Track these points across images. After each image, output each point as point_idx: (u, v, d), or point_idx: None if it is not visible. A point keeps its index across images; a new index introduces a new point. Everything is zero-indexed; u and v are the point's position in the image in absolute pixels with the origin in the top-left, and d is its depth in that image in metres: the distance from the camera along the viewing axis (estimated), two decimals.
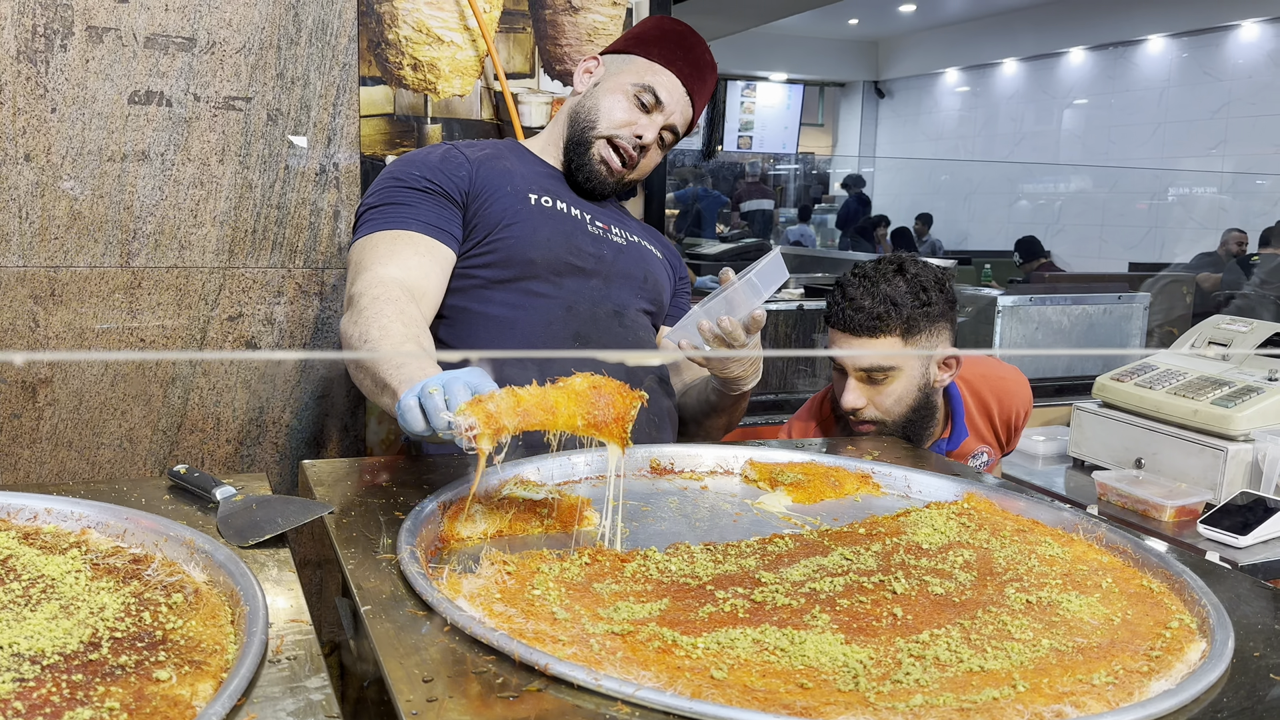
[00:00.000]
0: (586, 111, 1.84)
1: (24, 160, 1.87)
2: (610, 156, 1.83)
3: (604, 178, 1.84)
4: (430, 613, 0.95)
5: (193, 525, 1.16)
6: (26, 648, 0.87)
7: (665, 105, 1.84)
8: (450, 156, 1.77)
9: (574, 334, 1.73)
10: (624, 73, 1.85)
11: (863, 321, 1.85)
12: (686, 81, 1.86)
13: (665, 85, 1.84)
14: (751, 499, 1.43)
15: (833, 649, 0.91)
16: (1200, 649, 0.96)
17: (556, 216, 1.78)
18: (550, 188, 1.83)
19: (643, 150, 1.85)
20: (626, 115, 1.82)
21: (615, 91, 1.83)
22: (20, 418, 1.93)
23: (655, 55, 1.86)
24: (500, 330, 1.72)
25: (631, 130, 1.82)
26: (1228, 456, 2.18)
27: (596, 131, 1.82)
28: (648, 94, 1.82)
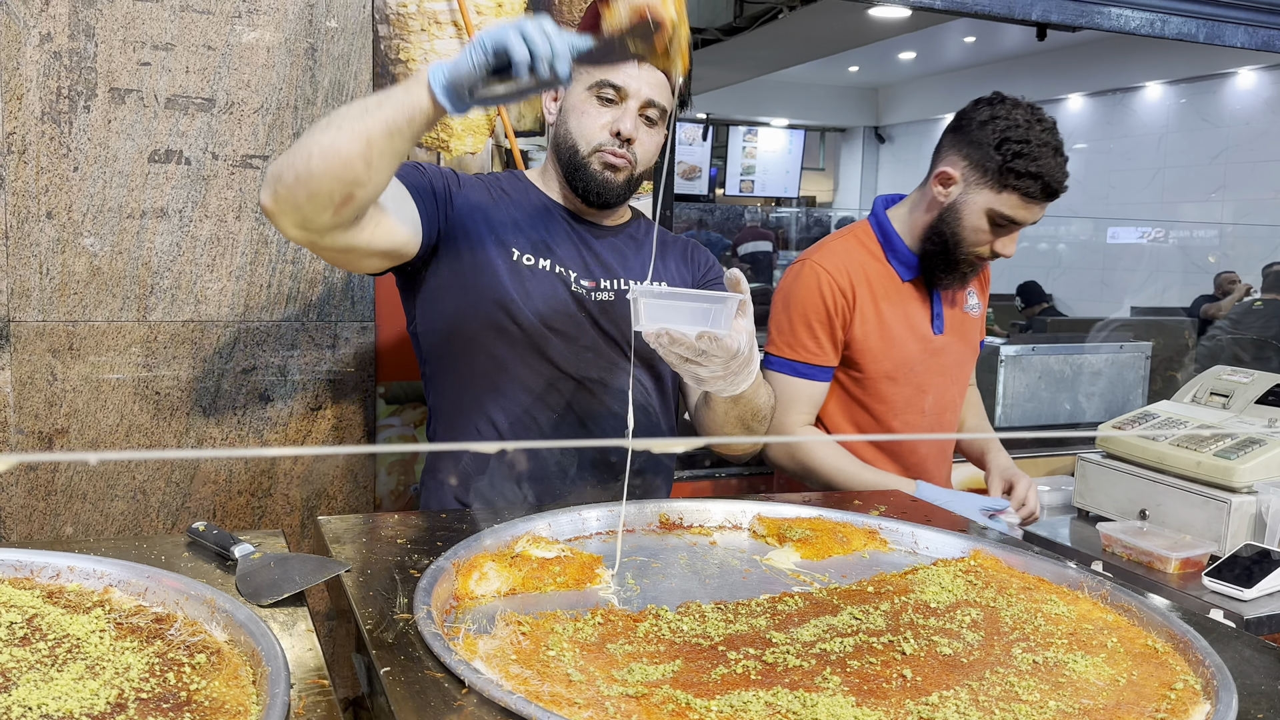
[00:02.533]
0: (563, 138, 1.78)
1: (46, 217, 1.91)
2: (609, 164, 1.74)
3: (614, 184, 1.75)
4: (447, 674, 0.97)
5: (212, 583, 1.18)
6: (55, 709, 0.89)
7: (629, 89, 1.72)
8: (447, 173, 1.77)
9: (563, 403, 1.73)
10: (577, 82, 1.75)
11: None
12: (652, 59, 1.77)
13: (621, 69, 1.72)
14: (760, 555, 1.45)
15: (844, 712, 0.93)
16: (1205, 711, 0.97)
17: (538, 278, 1.74)
18: (540, 235, 1.77)
19: (630, 142, 1.74)
20: (598, 121, 1.73)
21: (578, 105, 1.75)
22: (36, 470, 1.96)
23: None
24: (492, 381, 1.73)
25: (609, 132, 1.73)
26: (1231, 508, 2.20)
27: (582, 154, 1.74)
28: (607, 89, 1.72)
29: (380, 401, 2.21)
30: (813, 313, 2.10)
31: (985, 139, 2.00)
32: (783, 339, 2.12)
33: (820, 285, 2.09)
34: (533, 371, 1.73)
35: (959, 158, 2.04)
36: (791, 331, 2.11)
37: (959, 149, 2.05)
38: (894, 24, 7.70)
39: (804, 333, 2.10)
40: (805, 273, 2.13)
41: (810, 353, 2.10)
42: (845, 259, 2.13)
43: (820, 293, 2.09)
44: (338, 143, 1.35)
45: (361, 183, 1.39)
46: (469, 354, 1.75)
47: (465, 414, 1.77)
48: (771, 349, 2.13)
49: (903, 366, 2.14)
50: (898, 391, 2.16)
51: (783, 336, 2.12)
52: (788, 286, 2.16)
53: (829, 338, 2.10)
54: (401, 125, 1.35)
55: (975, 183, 2.02)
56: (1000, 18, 2.88)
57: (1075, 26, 3.05)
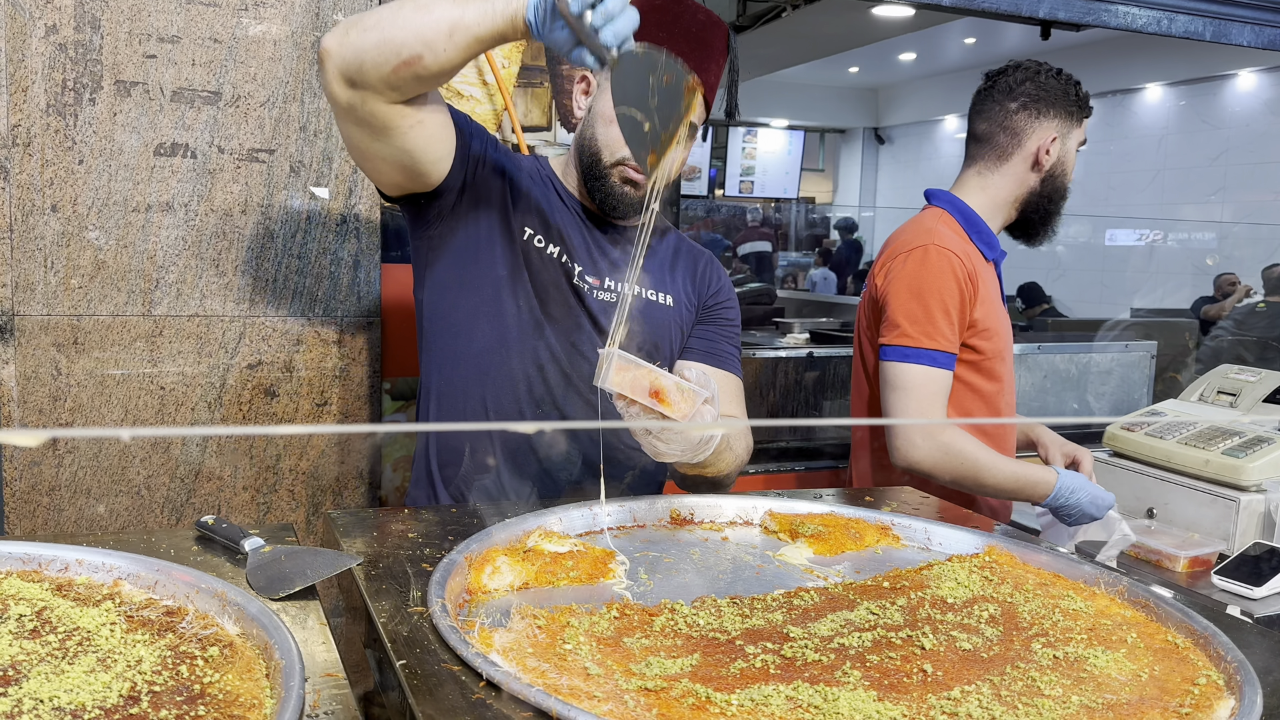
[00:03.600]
0: (589, 142, 1.71)
1: (51, 210, 1.90)
2: (629, 179, 1.70)
3: (631, 200, 1.72)
4: (464, 667, 0.95)
5: (222, 577, 1.17)
6: (67, 701, 0.88)
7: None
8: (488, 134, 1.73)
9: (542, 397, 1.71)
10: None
11: None
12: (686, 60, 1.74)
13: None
14: (773, 550, 1.44)
15: (866, 706, 0.91)
16: (1229, 706, 0.96)
17: (546, 263, 1.70)
18: (555, 221, 1.74)
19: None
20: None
21: (606, 112, 1.67)
22: (40, 465, 1.94)
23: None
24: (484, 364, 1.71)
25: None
26: (1240, 507, 2.19)
27: (604, 164, 1.69)
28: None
29: (386, 397, 2.20)
30: (949, 298, 2.03)
31: (1062, 89, 2.15)
32: (919, 328, 2.03)
33: (953, 269, 2.04)
34: (524, 358, 1.70)
35: (1049, 118, 2.14)
36: (929, 319, 2.03)
37: (1047, 114, 2.14)
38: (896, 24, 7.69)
39: (942, 320, 2.03)
40: (934, 257, 2.05)
41: (947, 340, 2.03)
42: (958, 241, 2.11)
43: (955, 276, 2.04)
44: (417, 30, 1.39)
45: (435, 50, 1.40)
46: (467, 328, 1.71)
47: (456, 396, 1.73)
48: (905, 340, 2.03)
49: (1007, 345, 2.16)
50: (1005, 370, 2.15)
51: (918, 326, 2.03)
52: (914, 273, 2.05)
53: (960, 323, 2.06)
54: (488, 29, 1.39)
55: (1068, 131, 2.16)
56: (1007, 16, 2.87)
57: (1082, 24, 3.05)
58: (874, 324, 2.14)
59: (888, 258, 2.13)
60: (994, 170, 2.17)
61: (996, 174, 2.17)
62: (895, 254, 2.11)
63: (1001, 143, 2.16)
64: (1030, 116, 2.14)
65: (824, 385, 3.09)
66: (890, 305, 2.07)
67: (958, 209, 2.17)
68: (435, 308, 1.75)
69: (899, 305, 2.05)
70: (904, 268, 2.07)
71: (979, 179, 2.19)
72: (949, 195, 2.21)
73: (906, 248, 2.09)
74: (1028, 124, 2.14)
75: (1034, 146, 2.14)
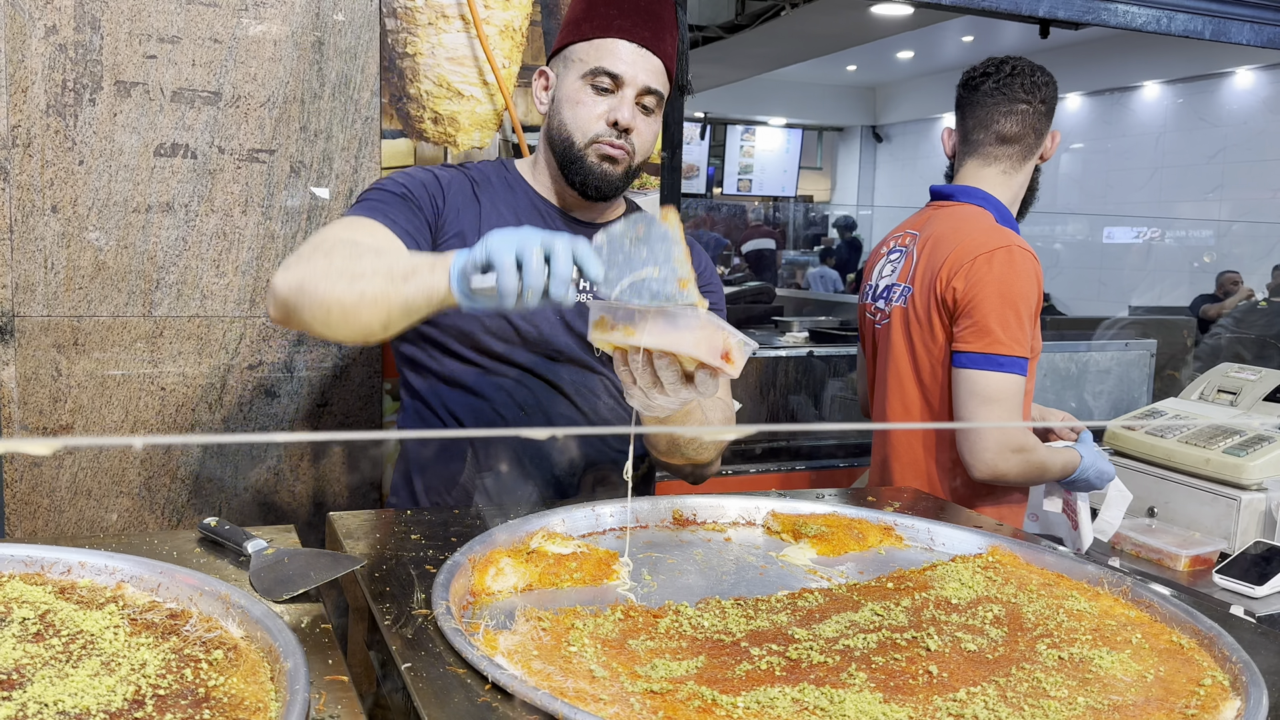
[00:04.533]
0: (557, 129, 1.69)
1: (51, 211, 1.90)
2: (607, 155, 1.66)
3: (613, 176, 1.68)
4: (469, 670, 0.95)
5: (225, 579, 1.16)
6: (71, 705, 0.87)
7: (626, 76, 1.64)
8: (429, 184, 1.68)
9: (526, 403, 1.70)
10: (571, 69, 1.68)
11: None
12: (636, 36, 1.65)
13: (616, 55, 1.64)
14: (776, 551, 1.44)
15: (872, 708, 0.91)
16: (1235, 707, 0.96)
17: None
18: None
19: (628, 132, 1.66)
20: (594, 111, 1.65)
21: (572, 95, 1.67)
22: (40, 467, 1.94)
23: (591, 30, 1.66)
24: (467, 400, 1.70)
25: (607, 122, 1.65)
26: (1241, 506, 2.19)
27: (578, 146, 1.66)
28: (602, 77, 1.64)
29: (386, 398, 2.19)
30: (1034, 302, 1.99)
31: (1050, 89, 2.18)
32: (1011, 335, 1.95)
33: (1036, 272, 2.00)
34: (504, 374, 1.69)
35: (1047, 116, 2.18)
36: (1019, 326, 1.96)
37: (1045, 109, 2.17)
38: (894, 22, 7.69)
39: (1028, 325, 1.98)
40: (1019, 260, 1.98)
41: (1025, 346, 1.97)
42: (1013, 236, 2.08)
43: (1037, 280, 2.00)
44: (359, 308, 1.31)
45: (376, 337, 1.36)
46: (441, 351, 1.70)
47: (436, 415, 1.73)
48: (999, 348, 1.95)
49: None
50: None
51: (1009, 333, 1.95)
52: (1002, 277, 1.97)
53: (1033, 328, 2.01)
54: (420, 305, 1.28)
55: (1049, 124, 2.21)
56: (1007, 14, 2.87)
57: (1081, 23, 3.05)
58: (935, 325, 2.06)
59: (959, 260, 2.01)
60: (1018, 170, 2.17)
61: (1020, 173, 2.17)
62: (972, 256, 2.00)
63: (1030, 143, 2.16)
64: (1048, 116, 2.17)
65: (824, 383, 3.09)
66: (977, 310, 1.97)
67: (995, 208, 2.12)
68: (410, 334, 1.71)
69: (991, 310, 1.96)
70: (990, 270, 1.98)
71: (1004, 177, 2.16)
72: (979, 192, 2.15)
73: (985, 249, 2.00)
74: (1047, 124, 2.18)
75: (1048, 143, 2.19)
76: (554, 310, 1.69)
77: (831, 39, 8.50)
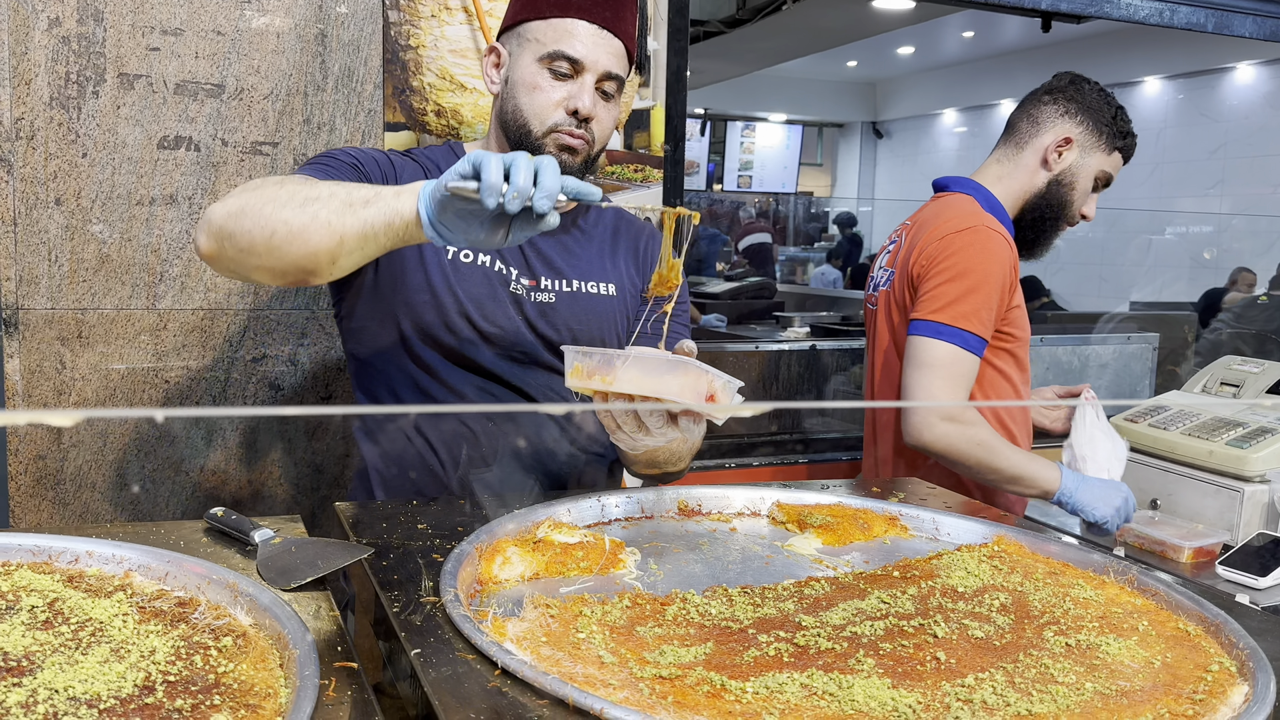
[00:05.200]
0: (512, 115, 1.58)
1: (55, 204, 1.90)
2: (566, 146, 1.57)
3: (572, 168, 1.59)
4: (479, 656, 0.95)
5: (233, 568, 1.16)
6: (82, 691, 0.88)
7: (586, 61, 1.55)
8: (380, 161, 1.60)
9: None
10: (526, 50, 1.57)
11: None
12: (597, 16, 1.55)
13: (575, 37, 1.55)
14: (781, 541, 1.44)
15: (881, 693, 0.92)
16: (1243, 692, 0.96)
17: (475, 275, 1.60)
18: None
19: (589, 121, 1.58)
20: (552, 97, 1.55)
21: (527, 79, 1.56)
22: (45, 458, 1.94)
23: (548, 8, 1.55)
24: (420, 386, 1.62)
25: (566, 110, 1.56)
26: (1244, 497, 2.19)
27: (535, 135, 1.57)
28: (561, 62, 1.55)
29: None
30: (994, 282, 1.98)
31: (1102, 105, 2.12)
32: (956, 309, 1.97)
33: (1003, 252, 2.01)
34: (463, 378, 1.61)
35: (1074, 124, 2.12)
36: (968, 301, 1.97)
37: (1073, 116, 2.12)
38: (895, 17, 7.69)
39: (982, 304, 1.98)
40: (985, 238, 2.00)
41: (983, 326, 1.98)
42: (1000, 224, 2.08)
43: (1002, 260, 2.00)
44: (308, 230, 1.22)
45: (320, 274, 1.27)
46: (397, 357, 1.62)
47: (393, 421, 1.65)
48: (940, 317, 1.97)
49: (1027, 333, 2.14)
50: (1026, 359, 2.14)
51: (957, 306, 1.97)
52: (962, 253, 1.99)
53: (997, 310, 2.01)
54: (379, 231, 1.21)
55: (1090, 146, 2.13)
56: (1009, 8, 2.87)
57: (1083, 16, 3.05)
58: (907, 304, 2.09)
59: (930, 239, 2.05)
60: (1011, 159, 2.17)
61: (1011, 163, 2.17)
62: (940, 234, 2.04)
63: (1022, 130, 2.16)
64: (1055, 111, 2.13)
65: (826, 379, 3.09)
66: (931, 281, 2.01)
67: (981, 195, 2.14)
68: (360, 337, 1.65)
69: (941, 282, 1.99)
70: (952, 247, 2.01)
71: (998, 167, 2.19)
72: (970, 182, 2.18)
73: (954, 228, 2.03)
74: (1050, 118, 2.14)
75: (1048, 140, 2.13)
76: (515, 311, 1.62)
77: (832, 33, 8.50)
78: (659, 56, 2.34)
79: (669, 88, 2.35)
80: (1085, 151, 2.13)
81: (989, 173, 2.20)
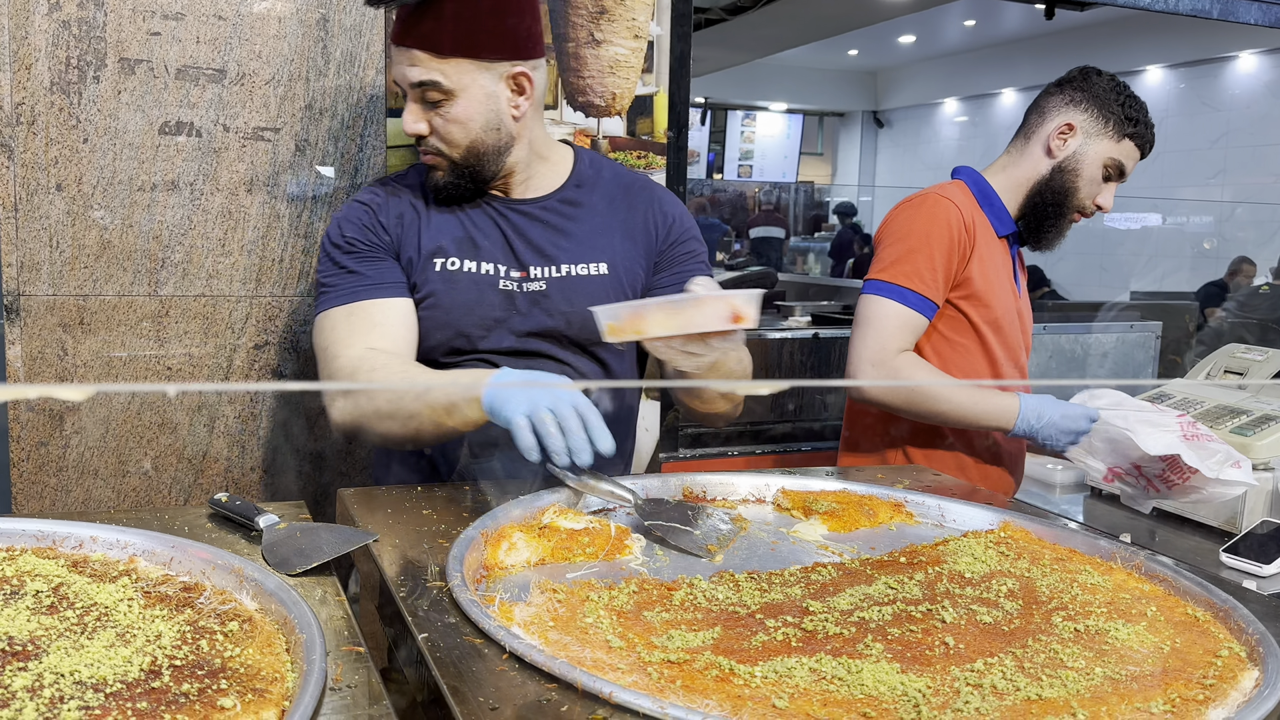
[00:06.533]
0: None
1: (56, 190, 1.89)
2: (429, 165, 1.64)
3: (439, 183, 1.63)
4: (486, 640, 0.95)
5: (238, 553, 1.16)
6: (88, 675, 0.87)
7: (402, 83, 1.58)
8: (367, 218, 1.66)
9: None
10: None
11: None
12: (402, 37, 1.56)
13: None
14: (786, 527, 1.44)
15: (890, 678, 0.91)
16: (1253, 677, 0.96)
17: (462, 282, 1.63)
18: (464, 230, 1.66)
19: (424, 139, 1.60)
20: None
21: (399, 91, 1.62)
22: (47, 445, 1.93)
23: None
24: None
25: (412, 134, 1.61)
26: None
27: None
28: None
29: None
30: (936, 243, 2.03)
31: (1108, 93, 2.13)
32: (896, 266, 2.03)
33: (949, 217, 2.04)
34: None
35: (1078, 111, 2.13)
36: (909, 259, 2.03)
37: (1078, 104, 2.13)
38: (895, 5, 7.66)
39: (923, 262, 2.03)
40: (931, 203, 2.07)
41: (924, 283, 2.02)
42: (964, 199, 2.11)
43: (949, 224, 2.04)
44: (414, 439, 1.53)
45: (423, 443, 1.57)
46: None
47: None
48: (883, 275, 2.04)
49: (1005, 316, 2.15)
50: (1003, 341, 2.15)
51: (897, 264, 2.03)
52: (906, 215, 2.09)
53: (945, 273, 2.04)
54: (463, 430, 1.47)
55: (1096, 133, 2.13)
56: None
57: (1087, 3, 3.03)
58: None
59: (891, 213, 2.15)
60: (1019, 151, 2.19)
61: (1020, 154, 2.19)
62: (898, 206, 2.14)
63: (1031, 122, 2.18)
64: (1061, 101, 2.14)
65: (828, 365, 3.08)
66: (879, 246, 2.10)
67: (974, 181, 2.18)
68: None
69: (887, 245, 2.08)
70: (900, 213, 2.10)
71: (1005, 159, 2.22)
72: (971, 171, 2.22)
73: (909, 201, 2.13)
74: (1054, 106, 2.15)
75: (1051, 128, 2.14)
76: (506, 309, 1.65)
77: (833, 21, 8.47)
78: (662, 42, 2.33)
79: (672, 73, 2.34)
80: (1090, 138, 2.13)
81: (996, 165, 2.23)
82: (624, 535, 1.30)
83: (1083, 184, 2.16)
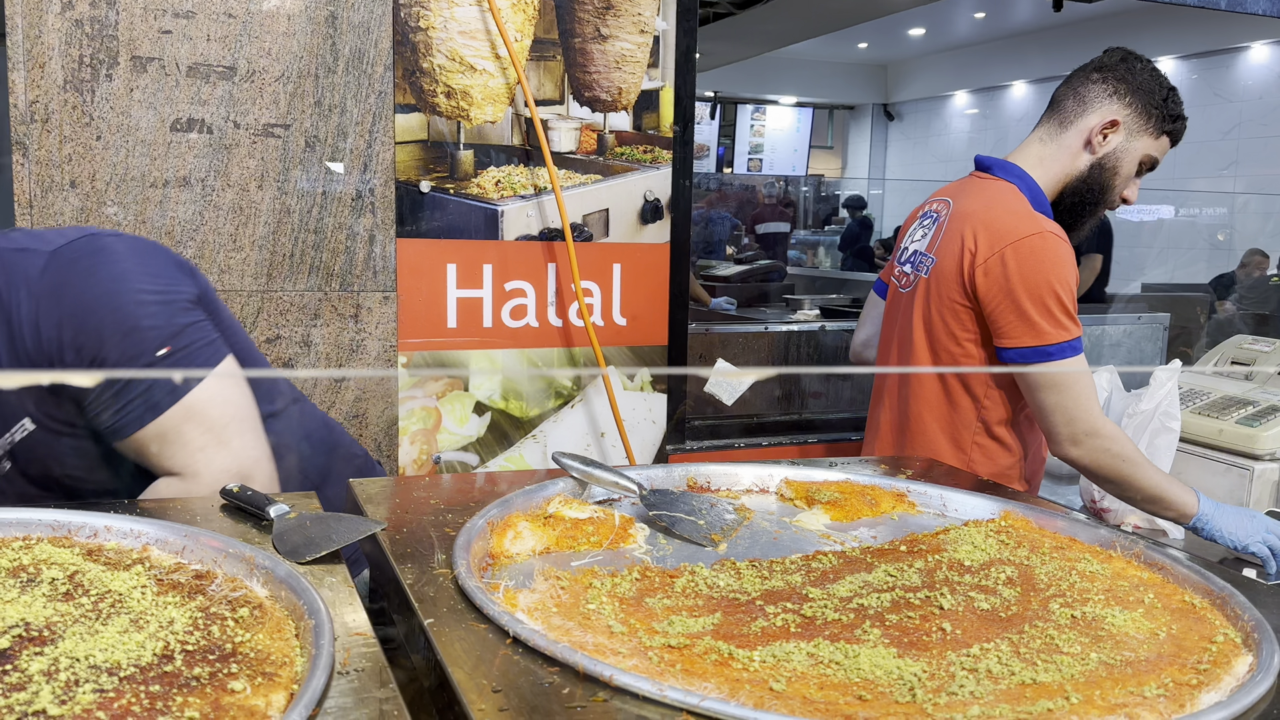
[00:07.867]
0: None
1: (69, 186, 1.91)
2: None
3: None
4: (491, 625, 0.97)
5: (249, 542, 1.18)
6: (102, 659, 0.89)
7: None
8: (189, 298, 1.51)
9: None
10: None
11: None
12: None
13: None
14: (789, 517, 1.45)
15: (887, 662, 0.93)
16: (1247, 662, 0.97)
17: None
18: None
19: None
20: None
21: None
22: None
23: None
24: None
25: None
26: (1254, 475, 2.20)
27: None
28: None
29: (402, 372, 2.21)
30: (1071, 285, 1.95)
31: (1154, 87, 2.06)
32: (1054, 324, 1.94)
33: (1069, 255, 1.96)
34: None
35: (1122, 106, 2.06)
36: (1063, 311, 1.94)
37: (1121, 97, 2.06)
38: None
39: (1070, 307, 1.95)
40: (1054, 245, 1.96)
41: (1077, 325, 1.96)
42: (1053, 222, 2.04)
43: (1070, 263, 1.97)
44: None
45: None
46: None
47: None
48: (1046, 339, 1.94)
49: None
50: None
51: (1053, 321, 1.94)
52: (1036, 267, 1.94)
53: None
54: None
55: (1139, 130, 2.07)
56: None
57: None
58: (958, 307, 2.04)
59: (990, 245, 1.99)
60: (1053, 139, 2.11)
61: (1054, 144, 2.10)
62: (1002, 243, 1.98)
63: (1068, 108, 2.09)
64: (1104, 91, 2.07)
65: (835, 357, 3.10)
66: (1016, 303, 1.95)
67: (1027, 185, 2.08)
68: None
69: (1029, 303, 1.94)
70: (1021, 261, 1.95)
71: (1039, 147, 2.12)
72: (1015, 168, 2.11)
73: (1014, 236, 1.97)
74: (1097, 97, 2.07)
75: (1093, 121, 2.06)
76: None
77: (843, 14, 8.45)
78: (668, 37, 2.35)
79: (678, 68, 2.35)
80: (1132, 135, 2.07)
81: (1030, 154, 2.12)
82: (628, 524, 1.32)
83: (1119, 181, 2.11)
